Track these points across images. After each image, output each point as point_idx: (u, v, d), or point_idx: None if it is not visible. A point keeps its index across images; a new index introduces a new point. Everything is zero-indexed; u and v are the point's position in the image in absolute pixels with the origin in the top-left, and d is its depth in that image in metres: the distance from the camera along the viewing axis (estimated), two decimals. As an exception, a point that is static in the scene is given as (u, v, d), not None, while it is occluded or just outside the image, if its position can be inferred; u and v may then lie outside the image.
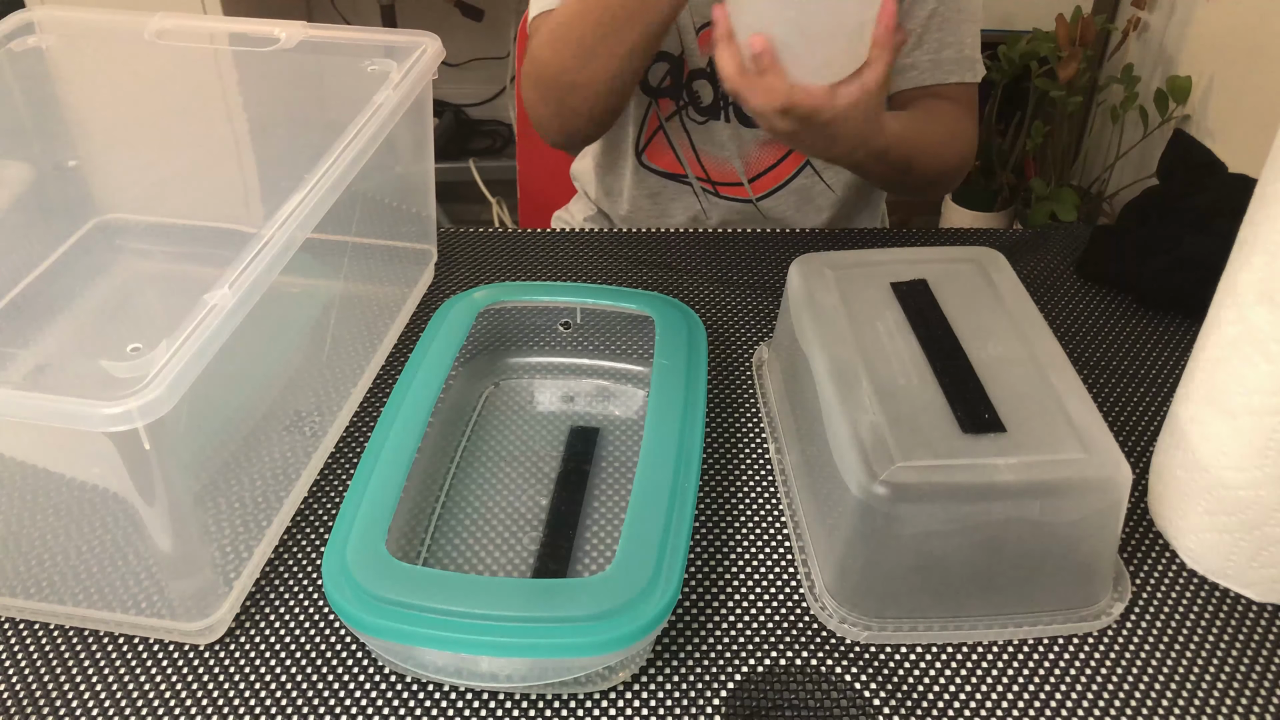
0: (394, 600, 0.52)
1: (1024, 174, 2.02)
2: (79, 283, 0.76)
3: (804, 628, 0.59)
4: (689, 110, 1.00)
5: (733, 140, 1.00)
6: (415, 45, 0.74)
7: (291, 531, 0.64)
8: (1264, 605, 0.60)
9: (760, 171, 1.02)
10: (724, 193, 1.03)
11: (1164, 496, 0.64)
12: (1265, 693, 0.56)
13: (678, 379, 0.66)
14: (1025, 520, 0.55)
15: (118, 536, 0.56)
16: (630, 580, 0.53)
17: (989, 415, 0.57)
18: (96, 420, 0.46)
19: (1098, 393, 0.75)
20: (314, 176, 0.60)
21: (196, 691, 0.55)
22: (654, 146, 1.04)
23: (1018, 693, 0.56)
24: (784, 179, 1.01)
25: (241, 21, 0.76)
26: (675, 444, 0.61)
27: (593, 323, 0.76)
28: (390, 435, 0.61)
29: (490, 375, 0.76)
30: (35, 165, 0.78)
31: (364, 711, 0.55)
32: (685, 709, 0.55)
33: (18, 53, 0.76)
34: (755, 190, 1.02)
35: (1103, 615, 0.59)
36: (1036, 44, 1.88)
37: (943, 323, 0.64)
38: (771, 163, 1.01)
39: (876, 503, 0.54)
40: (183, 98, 0.80)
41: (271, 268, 0.54)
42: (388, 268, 0.79)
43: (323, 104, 0.78)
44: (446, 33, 0.83)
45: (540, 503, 0.66)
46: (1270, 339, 0.54)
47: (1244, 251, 0.56)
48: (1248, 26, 1.59)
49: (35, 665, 0.57)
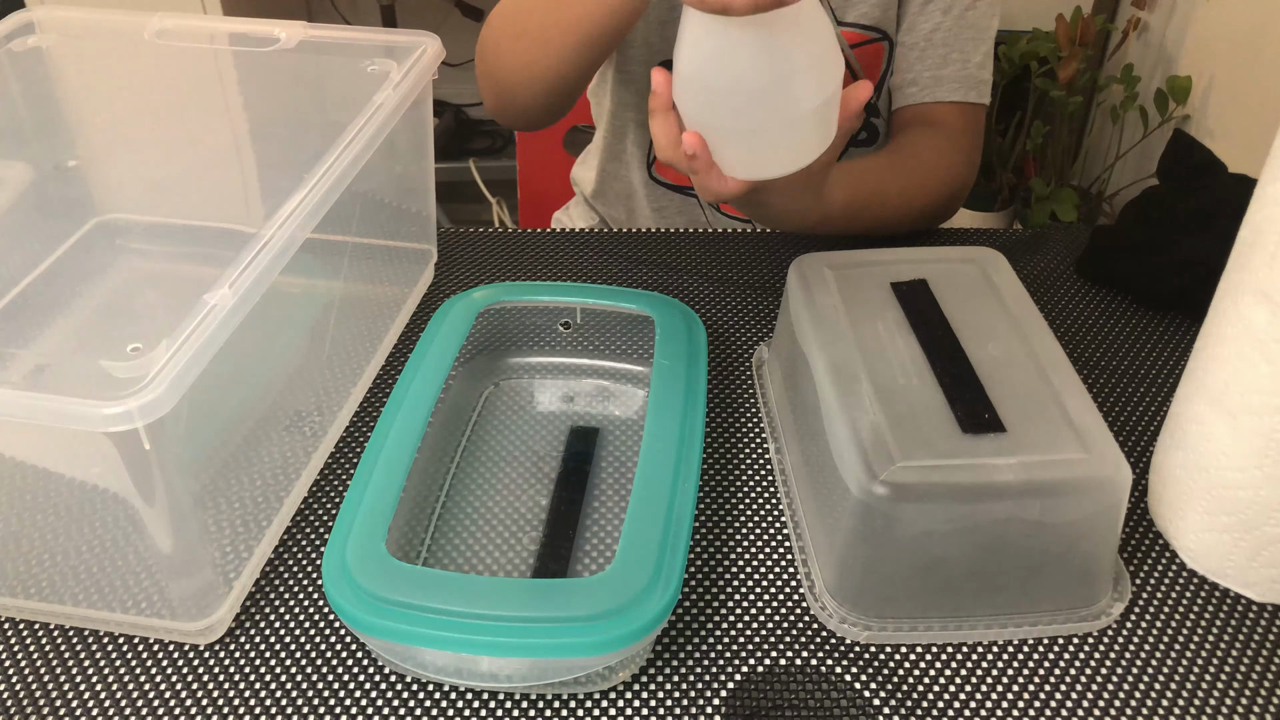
0: (394, 600, 0.52)
1: (1024, 174, 2.02)
2: (79, 283, 0.76)
3: (804, 628, 0.59)
4: None
5: None
6: (415, 45, 0.74)
7: (291, 531, 0.64)
8: (1264, 605, 0.60)
9: None
10: (730, 212, 1.02)
11: (1164, 496, 0.64)
12: (1265, 693, 0.56)
13: (678, 379, 0.66)
14: (1025, 520, 0.55)
15: (118, 536, 0.56)
16: (630, 580, 0.53)
17: (989, 415, 0.57)
18: (96, 420, 0.46)
19: (1098, 393, 0.75)
20: (314, 176, 0.60)
21: (196, 691, 0.55)
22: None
23: (1018, 693, 0.56)
24: None
25: (241, 21, 0.76)
26: (675, 444, 0.61)
27: (593, 323, 0.76)
28: (390, 435, 0.61)
29: (490, 375, 0.76)
30: (35, 165, 0.78)
31: (364, 711, 0.55)
32: (685, 709, 0.55)
33: (18, 53, 0.76)
34: None
35: (1103, 615, 0.59)
36: (1036, 44, 1.88)
37: (943, 323, 0.64)
38: None
39: (876, 503, 0.54)
40: (183, 98, 0.80)
41: (271, 268, 0.54)
42: (388, 268, 0.79)
43: (323, 104, 0.78)
44: (446, 33, 0.83)
45: (540, 503, 0.66)
46: (1270, 339, 0.54)
47: (1244, 251, 0.56)
48: (1248, 26, 1.59)
49: (35, 665, 0.57)
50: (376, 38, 0.74)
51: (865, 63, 0.91)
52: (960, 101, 0.89)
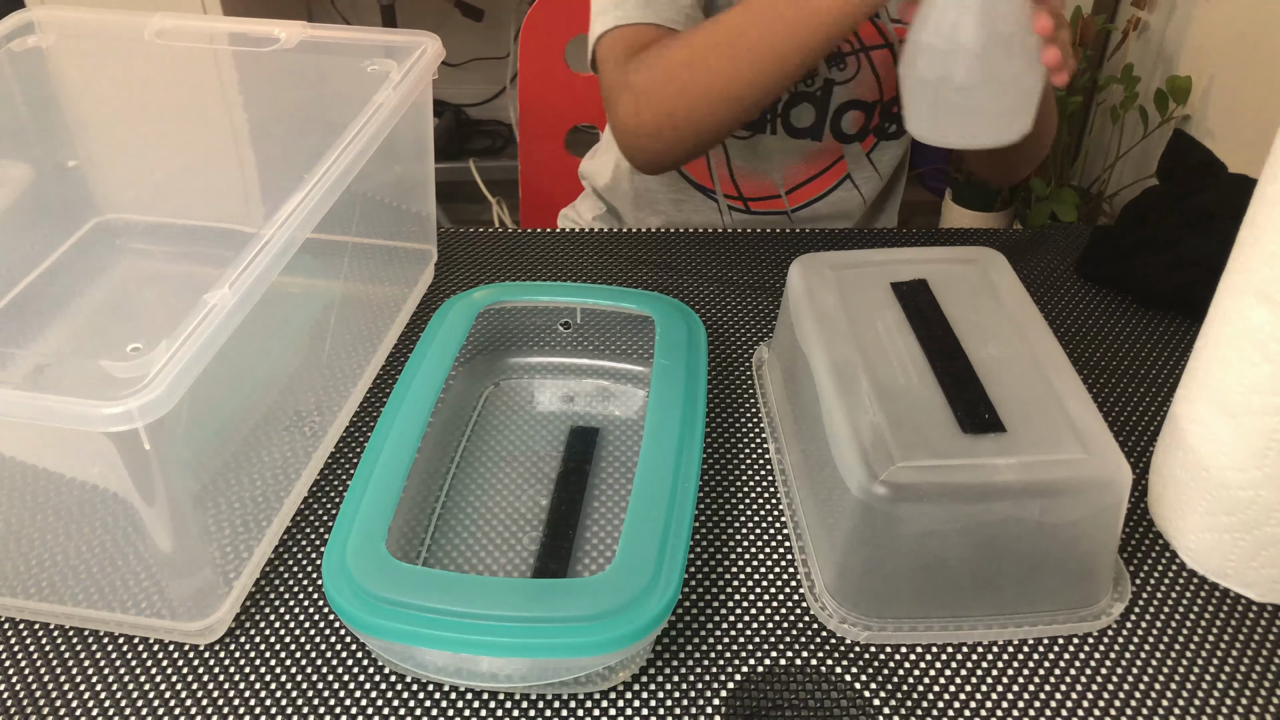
0: (394, 600, 0.52)
1: (1024, 174, 2.02)
2: (79, 283, 0.76)
3: (804, 628, 0.59)
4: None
5: (778, 152, 1.00)
6: (415, 45, 0.74)
7: (291, 531, 0.64)
8: (1264, 605, 0.60)
9: (799, 183, 1.01)
10: (756, 208, 1.02)
11: (1164, 496, 0.64)
12: (1265, 693, 0.56)
13: (677, 379, 0.66)
14: (1025, 520, 0.55)
15: (118, 536, 0.56)
16: (630, 580, 0.53)
17: (989, 415, 0.57)
18: (96, 420, 0.46)
19: (1098, 393, 0.75)
20: (314, 176, 0.60)
21: (196, 691, 0.55)
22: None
23: (1018, 693, 0.56)
24: (823, 191, 1.02)
25: (241, 21, 0.76)
26: (675, 444, 0.61)
27: (593, 323, 0.76)
28: (390, 435, 0.61)
29: (490, 375, 0.76)
30: (35, 165, 0.78)
31: (364, 711, 0.55)
32: (685, 709, 0.55)
33: (18, 53, 0.76)
34: (791, 202, 1.02)
35: (1103, 615, 0.59)
36: (1036, 44, 1.87)
37: (943, 323, 0.64)
38: (812, 174, 1.01)
39: (876, 503, 0.54)
40: (183, 98, 0.80)
41: (271, 268, 0.54)
42: (388, 268, 0.79)
43: (323, 104, 0.78)
44: (446, 33, 0.83)
45: (540, 503, 0.66)
46: (1270, 339, 0.54)
47: (1244, 251, 0.56)
48: (1248, 26, 1.59)
49: (35, 665, 0.57)
50: (376, 38, 0.74)
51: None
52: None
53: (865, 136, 1.00)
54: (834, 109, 0.97)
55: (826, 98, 0.96)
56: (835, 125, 0.98)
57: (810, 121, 0.98)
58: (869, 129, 0.99)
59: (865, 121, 0.99)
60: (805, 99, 0.97)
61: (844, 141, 1.00)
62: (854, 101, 0.97)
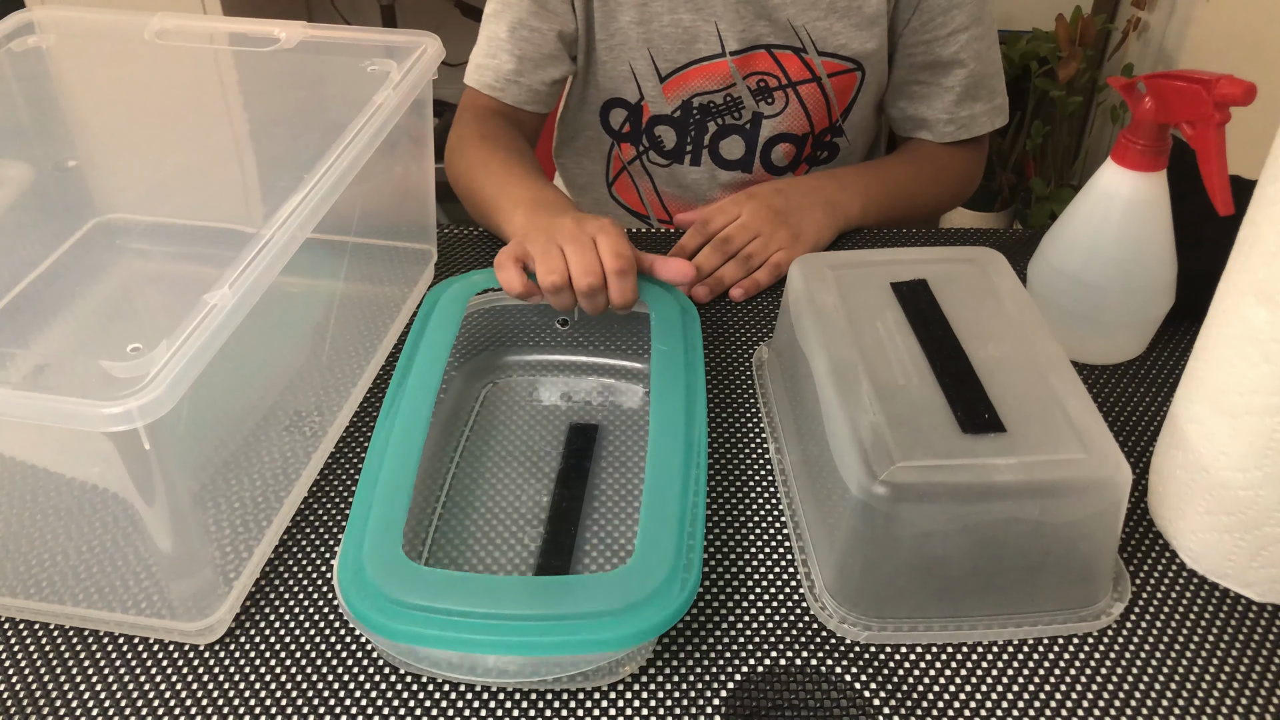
0: (419, 605, 0.52)
1: (1024, 174, 2.02)
2: (79, 283, 0.76)
3: (804, 628, 0.59)
4: (650, 154, 1.01)
5: (706, 181, 1.01)
6: (415, 45, 0.74)
7: (291, 531, 0.64)
8: (1264, 605, 0.60)
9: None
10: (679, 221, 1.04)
11: (1164, 496, 0.64)
12: (1265, 693, 0.56)
13: (677, 364, 0.66)
14: (1025, 520, 0.55)
15: (118, 536, 0.56)
16: (654, 570, 0.53)
17: (989, 415, 0.57)
18: (96, 420, 0.46)
19: (1098, 393, 0.75)
20: (314, 176, 0.60)
21: (196, 691, 0.55)
22: (621, 182, 1.07)
23: (1018, 693, 0.56)
24: None
25: (241, 21, 0.76)
26: (682, 428, 0.61)
27: (589, 320, 0.76)
28: (392, 437, 0.61)
29: (488, 374, 0.76)
30: (35, 165, 0.78)
31: (364, 711, 0.55)
32: (685, 709, 0.55)
33: (18, 53, 0.76)
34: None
35: (1103, 615, 0.59)
36: (1036, 44, 1.88)
37: (943, 323, 0.64)
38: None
39: (876, 503, 0.54)
40: (183, 98, 0.80)
41: (271, 268, 0.54)
42: (388, 268, 0.79)
43: (323, 104, 0.78)
44: (446, 33, 0.83)
45: (541, 500, 0.66)
46: (1270, 339, 0.54)
47: (1244, 251, 0.56)
48: (1248, 26, 1.59)
49: (35, 665, 0.57)
50: (376, 38, 0.74)
51: (839, 89, 0.97)
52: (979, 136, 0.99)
53: (798, 165, 1.01)
54: (763, 141, 0.99)
55: (755, 131, 0.98)
56: (765, 157, 0.99)
57: (740, 154, 0.99)
58: (801, 158, 1.01)
59: (796, 153, 1.00)
60: (734, 131, 0.98)
61: (775, 173, 1.01)
62: (783, 135, 0.98)
